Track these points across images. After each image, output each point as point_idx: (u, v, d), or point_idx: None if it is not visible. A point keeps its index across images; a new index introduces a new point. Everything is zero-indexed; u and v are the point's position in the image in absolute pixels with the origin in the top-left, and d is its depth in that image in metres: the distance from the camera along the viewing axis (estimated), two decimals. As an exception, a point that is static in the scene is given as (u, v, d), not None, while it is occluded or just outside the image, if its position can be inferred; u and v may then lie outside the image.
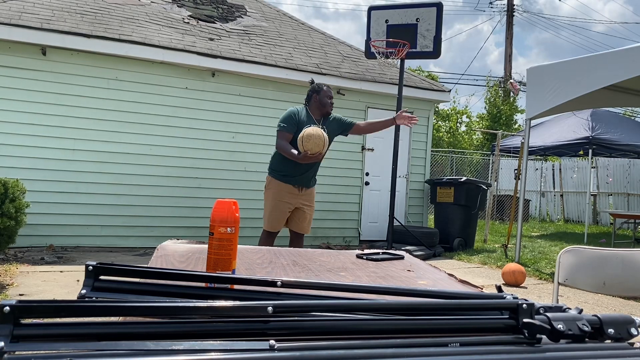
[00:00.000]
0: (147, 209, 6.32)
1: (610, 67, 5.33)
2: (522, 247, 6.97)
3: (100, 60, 6.06)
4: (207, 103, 6.64)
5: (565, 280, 2.09)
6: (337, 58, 7.98)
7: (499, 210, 12.80)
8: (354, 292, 0.75)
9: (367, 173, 7.79)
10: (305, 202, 3.85)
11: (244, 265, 1.37)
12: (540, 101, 6.08)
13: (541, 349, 0.55)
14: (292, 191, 3.78)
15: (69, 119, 5.93)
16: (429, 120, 8.29)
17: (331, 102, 3.87)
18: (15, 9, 5.96)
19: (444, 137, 20.69)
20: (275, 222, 3.83)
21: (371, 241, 7.63)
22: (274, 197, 3.80)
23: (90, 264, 0.72)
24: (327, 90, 3.87)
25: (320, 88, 3.87)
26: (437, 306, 0.63)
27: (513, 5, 19.40)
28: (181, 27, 7.07)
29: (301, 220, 3.89)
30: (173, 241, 1.65)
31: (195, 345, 0.50)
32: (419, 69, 20.54)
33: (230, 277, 0.76)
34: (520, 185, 6.51)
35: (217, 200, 1.08)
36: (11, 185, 4.34)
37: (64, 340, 0.50)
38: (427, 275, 1.38)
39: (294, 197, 3.80)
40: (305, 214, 3.89)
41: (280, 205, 3.80)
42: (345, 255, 1.66)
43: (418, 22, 5.35)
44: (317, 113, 3.85)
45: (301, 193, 3.82)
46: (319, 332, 0.57)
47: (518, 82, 19.39)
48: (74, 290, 3.90)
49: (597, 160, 12.76)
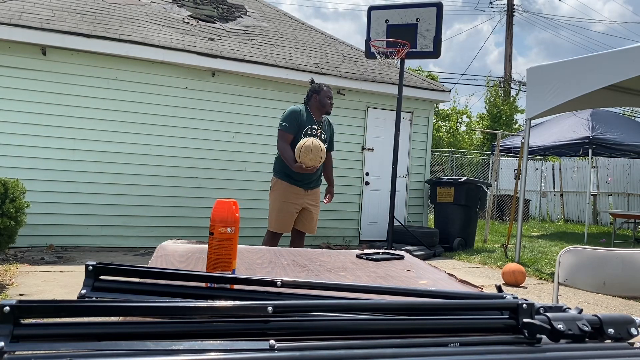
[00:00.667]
0: (147, 209, 6.32)
1: (610, 67, 5.33)
2: (522, 247, 6.97)
3: (100, 60, 6.07)
4: (207, 103, 6.64)
5: (565, 280, 2.09)
6: (337, 58, 7.98)
7: (499, 210, 12.81)
8: (354, 292, 0.75)
9: (367, 173, 7.79)
10: (311, 202, 3.88)
11: (244, 265, 1.37)
12: (540, 101, 6.08)
13: (541, 349, 0.55)
14: (297, 192, 3.80)
15: (69, 119, 5.93)
16: (429, 120, 8.29)
17: (331, 102, 3.88)
18: (15, 9, 5.96)
19: (444, 137, 20.70)
20: (283, 224, 3.82)
21: (371, 241, 7.63)
22: (281, 199, 3.80)
23: (90, 264, 0.72)
24: (327, 90, 3.89)
25: (321, 88, 3.88)
26: (437, 306, 0.63)
27: (513, 5, 19.40)
28: (181, 27, 7.07)
29: (308, 220, 3.91)
30: (173, 241, 1.65)
31: (195, 345, 0.50)
32: (419, 69, 20.54)
33: (230, 277, 0.76)
34: (520, 185, 6.52)
35: (217, 200, 1.08)
36: (11, 185, 4.34)
37: (64, 340, 0.50)
38: (427, 275, 1.38)
39: (299, 197, 3.81)
40: (312, 215, 3.91)
41: (287, 207, 3.80)
42: (345, 255, 1.66)
43: (418, 22, 5.35)
44: (317, 113, 3.87)
45: (307, 193, 3.84)
46: (319, 332, 0.57)
47: (518, 82, 19.42)
48: (74, 290, 3.90)
49: (597, 160, 12.76)
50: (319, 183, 3.95)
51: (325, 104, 3.82)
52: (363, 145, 7.73)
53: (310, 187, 3.86)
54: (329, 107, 3.85)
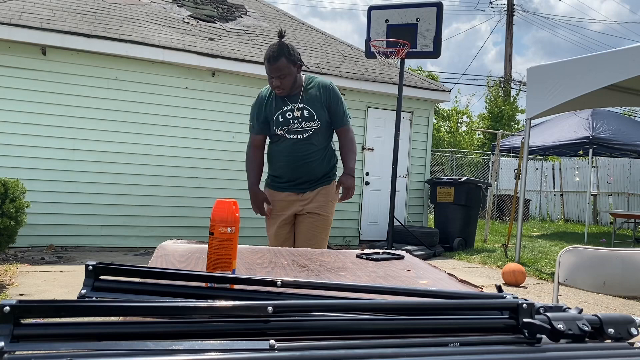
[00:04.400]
0: (147, 209, 6.32)
1: (610, 66, 5.33)
2: (522, 246, 6.97)
3: (100, 60, 6.07)
4: (207, 103, 6.64)
5: (566, 280, 2.09)
6: (337, 58, 7.98)
7: (499, 210, 12.81)
8: (354, 292, 0.75)
9: (367, 173, 7.79)
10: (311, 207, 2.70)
11: (244, 265, 1.37)
12: (540, 101, 6.08)
13: (541, 349, 0.55)
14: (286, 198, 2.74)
15: (69, 119, 5.93)
16: (429, 120, 8.30)
17: (275, 84, 2.55)
18: (15, 8, 5.96)
19: (444, 137, 20.71)
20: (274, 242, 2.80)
21: (371, 241, 7.63)
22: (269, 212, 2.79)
23: (90, 263, 0.72)
24: (267, 64, 2.52)
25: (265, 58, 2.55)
26: (437, 306, 0.63)
27: (513, 5, 19.40)
28: (181, 27, 7.07)
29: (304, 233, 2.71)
30: (173, 241, 1.65)
31: (195, 345, 0.50)
32: (419, 68, 20.55)
33: (230, 277, 0.76)
34: (520, 185, 6.52)
35: (217, 200, 1.08)
36: (11, 185, 4.34)
37: (64, 340, 0.50)
38: (427, 275, 1.38)
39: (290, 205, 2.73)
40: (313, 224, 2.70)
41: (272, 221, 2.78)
42: (345, 255, 1.66)
43: (418, 22, 5.35)
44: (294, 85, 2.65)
45: (302, 197, 2.71)
46: (319, 332, 0.57)
47: (518, 82, 19.42)
48: (74, 290, 3.90)
49: (597, 160, 12.76)
50: (325, 180, 2.73)
51: (270, 84, 2.59)
52: (363, 145, 7.73)
53: (306, 188, 2.69)
54: (276, 89, 2.56)
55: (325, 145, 2.70)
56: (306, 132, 2.63)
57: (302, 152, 2.64)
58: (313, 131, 2.63)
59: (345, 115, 2.71)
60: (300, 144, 2.64)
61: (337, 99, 2.66)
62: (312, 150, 2.64)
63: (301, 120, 2.62)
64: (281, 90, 2.56)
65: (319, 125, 2.63)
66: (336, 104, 2.67)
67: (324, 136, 2.68)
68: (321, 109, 2.63)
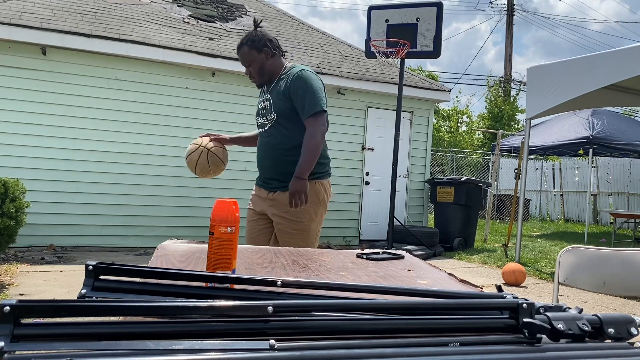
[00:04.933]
0: (147, 208, 6.32)
1: (610, 66, 5.33)
2: (522, 246, 6.97)
3: (100, 60, 6.07)
4: (207, 103, 6.64)
5: (566, 280, 2.09)
6: (337, 58, 7.98)
7: (499, 209, 12.81)
8: (354, 291, 0.75)
9: (367, 172, 7.79)
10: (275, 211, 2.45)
11: (244, 265, 1.37)
12: (540, 101, 6.08)
13: (541, 349, 0.55)
14: (259, 193, 2.61)
15: (69, 118, 5.93)
16: (429, 120, 8.30)
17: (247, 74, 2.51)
18: (15, 8, 5.96)
19: (444, 136, 20.70)
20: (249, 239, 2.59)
21: (371, 241, 7.63)
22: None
23: (90, 263, 0.72)
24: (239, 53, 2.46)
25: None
26: (437, 306, 0.63)
27: (513, 5, 19.40)
28: (181, 27, 7.07)
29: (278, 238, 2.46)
30: (173, 241, 1.65)
31: (195, 345, 0.50)
32: (419, 68, 20.55)
33: (230, 277, 0.76)
34: (521, 184, 6.52)
35: (217, 200, 1.08)
36: (11, 185, 4.34)
37: (64, 340, 0.50)
38: (427, 275, 1.38)
39: (261, 201, 2.56)
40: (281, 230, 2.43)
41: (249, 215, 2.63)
42: (345, 254, 1.66)
43: (418, 22, 5.35)
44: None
45: (268, 197, 2.50)
46: (319, 331, 0.57)
47: (518, 82, 19.42)
48: (74, 290, 3.90)
49: (597, 159, 12.76)
50: (280, 185, 2.44)
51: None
52: (363, 145, 7.73)
53: (275, 187, 2.46)
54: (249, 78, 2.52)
55: (293, 140, 2.38)
56: (266, 125, 2.47)
57: (264, 146, 2.49)
58: (271, 124, 2.43)
59: (309, 106, 2.32)
60: (264, 138, 2.50)
61: (297, 87, 2.34)
62: (272, 144, 2.43)
63: (265, 113, 2.47)
64: (252, 78, 2.49)
65: (274, 117, 2.40)
66: (296, 93, 2.34)
67: (291, 130, 2.39)
68: (281, 100, 2.38)
